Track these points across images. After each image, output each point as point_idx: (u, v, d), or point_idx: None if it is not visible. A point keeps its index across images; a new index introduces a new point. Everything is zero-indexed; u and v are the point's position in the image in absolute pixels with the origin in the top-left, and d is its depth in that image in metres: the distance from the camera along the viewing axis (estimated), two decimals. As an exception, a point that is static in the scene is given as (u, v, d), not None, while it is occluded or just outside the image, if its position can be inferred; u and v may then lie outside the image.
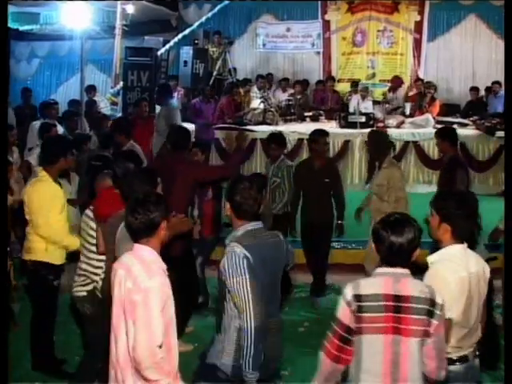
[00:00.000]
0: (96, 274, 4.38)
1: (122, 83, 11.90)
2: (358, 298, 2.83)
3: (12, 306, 5.88)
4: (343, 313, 2.88)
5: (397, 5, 14.54)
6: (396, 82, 13.12)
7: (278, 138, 6.82)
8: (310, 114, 12.16)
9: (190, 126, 9.97)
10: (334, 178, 6.46)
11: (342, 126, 10.83)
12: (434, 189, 9.57)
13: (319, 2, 14.85)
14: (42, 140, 7.24)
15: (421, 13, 14.51)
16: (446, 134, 6.35)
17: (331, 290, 6.68)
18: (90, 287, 4.40)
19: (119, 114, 10.96)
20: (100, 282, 4.34)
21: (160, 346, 2.93)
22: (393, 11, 14.62)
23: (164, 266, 3.09)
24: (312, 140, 6.59)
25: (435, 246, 3.34)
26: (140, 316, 2.91)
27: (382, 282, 2.88)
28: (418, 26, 14.60)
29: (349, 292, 2.86)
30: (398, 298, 2.81)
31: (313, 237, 6.50)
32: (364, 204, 6.32)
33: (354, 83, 13.15)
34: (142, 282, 2.93)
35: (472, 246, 3.40)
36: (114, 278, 3.11)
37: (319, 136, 6.53)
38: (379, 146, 6.17)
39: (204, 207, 6.18)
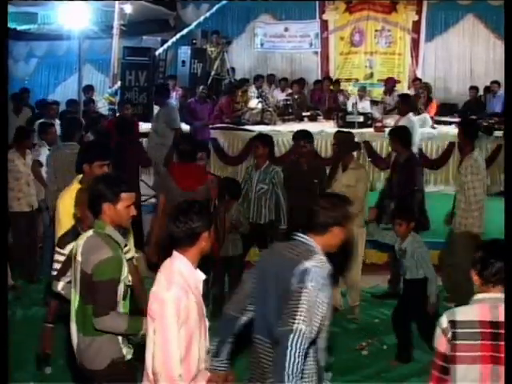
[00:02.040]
0: None
1: (119, 83, 11.91)
2: (453, 324, 2.75)
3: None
4: (439, 341, 2.80)
5: (395, 4, 14.55)
6: (390, 83, 13.12)
7: (263, 138, 6.45)
8: (308, 113, 12.16)
9: (186, 127, 10.03)
10: (318, 178, 6.31)
11: (339, 126, 10.80)
12: (431, 189, 9.63)
13: (317, 2, 14.86)
14: (41, 139, 7.29)
15: (419, 12, 14.52)
16: (397, 134, 6.36)
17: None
18: None
19: (117, 114, 10.94)
20: None
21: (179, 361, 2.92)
22: (391, 11, 14.63)
23: (197, 278, 3.08)
24: (293, 141, 6.56)
25: None
26: (158, 327, 2.92)
27: (478, 308, 2.77)
28: (416, 26, 14.61)
29: (445, 319, 2.79)
30: (495, 324, 2.69)
31: None
32: None
33: (336, 81, 13.40)
34: (160, 292, 2.95)
35: None
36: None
37: (298, 137, 6.48)
38: (345, 146, 6.04)
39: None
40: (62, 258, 3.74)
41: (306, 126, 11.27)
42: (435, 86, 13.66)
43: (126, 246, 3.44)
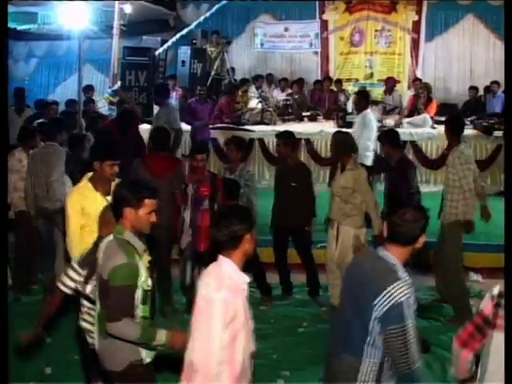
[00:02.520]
0: None
1: (119, 83, 11.90)
2: (501, 294, 2.96)
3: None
4: (486, 304, 3.02)
5: (395, 4, 14.55)
6: (390, 82, 13.11)
7: (238, 141, 6.48)
8: (308, 113, 12.17)
9: (186, 127, 10.03)
10: (299, 180, 6.33)
11: (339, 126, 10.80)
12: (432, 188, 9.66)
13: (317, 2, 14.86)
14: (40, 139, 7.27)
15: (419, 12, 14.52)
16: (386, 138, 6.37)
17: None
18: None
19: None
20: None
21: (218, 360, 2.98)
22: (391, 11, 14.63)
23: (243, 280, 3.13)
24: (277, 142, 6.60)
25: None
26: (202, 325, 2.99)
27: None
28: (416, 26, 14.61)
29: (497, 288, 3.00)
30: None
31: (284, 239, 6.49)
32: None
33: (338, 81, 13.37)
34: (209, 293, 3.02)
35: None
36: (200, 280, 3.21)
37: (279, 138, 6.51)
38: (343, 147, 6.01)
39: (200, 219, 5.75)
40: (76, 277, 3.74)
41: (306, 126, 11.32)
42: (435, 86, 13.65)
43: (145, 251, 3.43)
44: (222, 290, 3.00)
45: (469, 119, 11.38)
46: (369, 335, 2.98)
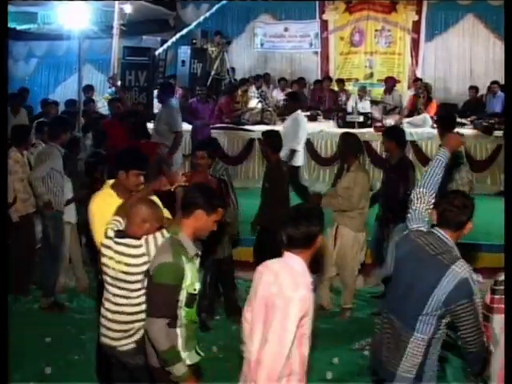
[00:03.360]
0: (142, 320, 3.53)
1: (119, 83, 11.89)
2: (495, 282, 3.31)
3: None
4: (488, 295, 3.31)
5: (395, 4, 14.55)
6: (390, 82, 13.13)
7: (212, 145, 6.08)
8: (308, 113, 12.16)
9: (187, 126, 10.02)
10: (272, 180, 6.28)
11: (339, 126, 10.84)
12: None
13: (317, 2, 14.85)
14: (39, 139, 7.28)
15: (419, 12, 14.51)
16: (393, 135, 6.31)
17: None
18: (138, 336, 3.60)
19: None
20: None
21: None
22: (391, 11, 14.63)
23: (310, 280, 3.13)
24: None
25: None
26: (276, 322, 2.97)
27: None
28: (416, 26, 14.61)
29: (497, 277, 3.30)
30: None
31: (262, 239, 6.35)
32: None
33: (341, 80, 13.37)
34: (286, 291, 2.99)
35: None
36: (258, 278, 3.17)
37: (262, 137, 6.50)
38: (349, 149, 5.99)
39: None
40: None
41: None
42: (435, 85, 13.66)
43: (198, 255, 3.43)
44: (300, 288, 2.99)
45: (469, 119, 11.41)
46: (424, 311, 3.17)
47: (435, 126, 10.80)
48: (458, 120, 11.49)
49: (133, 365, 3.64)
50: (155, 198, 4.02)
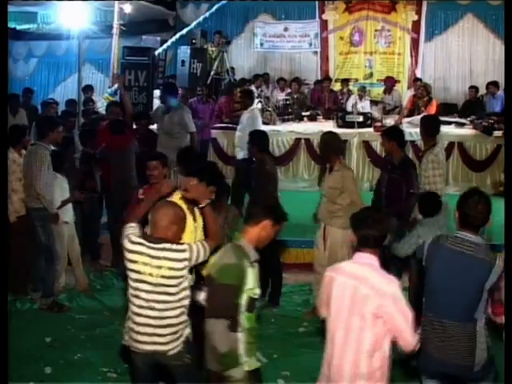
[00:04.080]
0: (186, 321, 3.63)
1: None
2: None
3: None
4: None
5: (394, 4, 14.54)
6: (389, 81, 13.14)
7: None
8: (308, 113, 12.17)
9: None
10: (258, 179, 6.33)
11: (339, 126, 10.83)
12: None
13: (317, 2, 14.84)
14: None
15: (418, 12, 14.50)
16: (394, 135, 6.29)
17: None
18: (184, 336, 3.64)
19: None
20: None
21: None
22: (390, 11, 14.62)
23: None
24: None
25: None
26: (399, 319, 3.16)
27: None
28: (416, 26, 14.59)
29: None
30: None
31: None
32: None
33: (345, 80, 13.37)
34: (383, 287, 3.15)
35: None
36: (329, 282, 3.30)
37: (249, 136, 6.58)
38: (330, 148, 5.93)
39: None
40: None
41: (306, 125, 11.31)
42: (435, 85, 13.67)
43: (256, 261, 3.51)
44: (392, 280, 3.22)
45: (468, 119, 11.41)
46: (479, 305, 3.51)
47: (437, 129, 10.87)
48: (458, 120, 11.54)
49: (183, 365, 3.65)
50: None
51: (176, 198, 4.07)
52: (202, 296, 3.59)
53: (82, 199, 6.79)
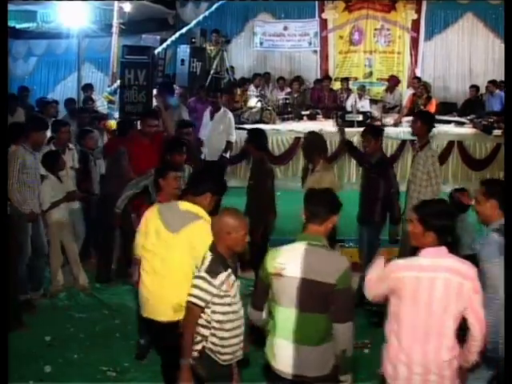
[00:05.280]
0: (208, 327, 3.46)
1: (119, 82, 11.89)
2: None
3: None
4: None
5: (394, 3, 14.56)
6: (393, 81, 13.15)
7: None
8: (307, 112, 12.17)
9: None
10: (256, 177, 6.30)
11: (338, 125, 10.82)
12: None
13: (316, 1, 14.85)
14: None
15: (418, 11, 14.52)
16: (378, 133, 6.30)
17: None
18: (200, 346, 3.47)
19: (116, 113, 10.93)
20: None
21: None
22: (390, 10, 14.63)
23: None
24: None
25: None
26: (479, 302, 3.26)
27: None
28: (415, 25, 14.61)
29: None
30: None
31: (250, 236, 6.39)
32: None
33: (345, 79, 13.38)
34: (469, 273, 3.24)
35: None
36: (402, 281, 3.26)
37: (247, 135, 6.55)
38: (313, 148, 5.91)
39: None
40: (210, 288, 3.36)
41: (306, 124, 11.31)
42: (434, 84, 13.69)
43: None
44: (471, 265, 3.29)
45: (468, 118, 11.42)
46: None
47: (434, 125, 10.87)
48: (458, 119, 11.55)
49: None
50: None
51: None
52: (264, 314, 3.47)
53: (75, 200, 6.78)
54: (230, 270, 3.46)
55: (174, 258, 3.82)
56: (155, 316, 3.89)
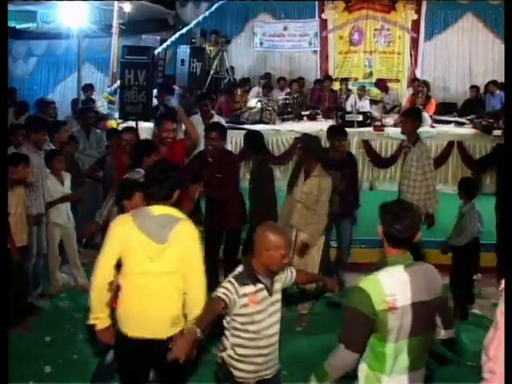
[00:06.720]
0: (227, 337, 3.48)
1: (119, 82, 11.89)
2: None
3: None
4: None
5: (394, 3, 14.56)
6: (381, 84, 13.20)
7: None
8: (307, 112, 12.17)
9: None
10: (256, 180, 6.25)
11: (338, 125, 10.82)
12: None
13: (316, 1, 14.85)
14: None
15: (418, 11, 14.52)
16: (340, 131, 6.54)
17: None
18: (224, 353, 3.48)
19: (116, 113, 10.93)
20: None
21: None
22: (390, 10, 14.63)
23: None
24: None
25: None
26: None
27: None
28: (415, 25, 14.61)
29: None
30: None
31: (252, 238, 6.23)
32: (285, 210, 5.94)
33: (345, 80, 13.38)
34: None
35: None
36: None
37: (244, 137, 6.53)
38: (310, 152, 5.69)
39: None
40: (234, 291, 3.30)
41: (306, 125, 11.31)
42: (434, 84, 13.66)
43: None
44: None
45: (468, 118, 11.42)
46: None
47: (434, 125, 10.90)
48: (458, 119, 11.54)
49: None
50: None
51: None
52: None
53: (71, 200, 6.78)
54: (260, 286, 3.34)
55: (166, 270, 3.54)
56: (155, 335, 3.57)
